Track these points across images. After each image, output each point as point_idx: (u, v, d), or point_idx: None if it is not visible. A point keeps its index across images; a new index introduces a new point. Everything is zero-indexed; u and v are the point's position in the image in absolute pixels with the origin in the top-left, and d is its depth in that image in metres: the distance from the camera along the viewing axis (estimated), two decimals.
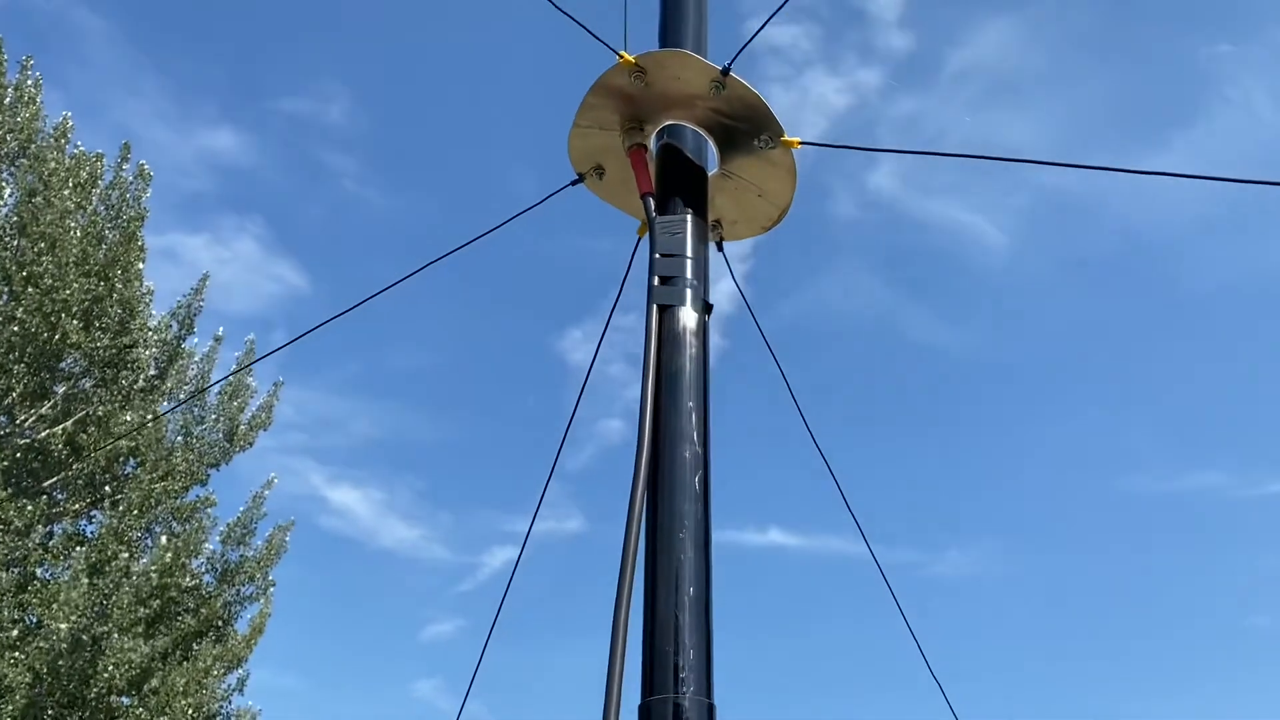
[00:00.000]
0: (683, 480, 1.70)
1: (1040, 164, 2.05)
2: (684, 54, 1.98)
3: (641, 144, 2.07)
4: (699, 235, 1.97)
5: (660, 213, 1.99)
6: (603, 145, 2.14)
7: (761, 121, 2.02)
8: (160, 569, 11.35)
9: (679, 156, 2.06)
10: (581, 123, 2.09)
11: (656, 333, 1.84)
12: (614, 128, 2.10)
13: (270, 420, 12.91)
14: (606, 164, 2.17)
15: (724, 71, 1.96)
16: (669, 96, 2.03)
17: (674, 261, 1.92)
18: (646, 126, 2.09)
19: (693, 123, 2.07)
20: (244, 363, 12.62)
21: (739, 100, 2.00)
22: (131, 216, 11.64)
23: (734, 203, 2.16)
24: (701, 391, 1.80)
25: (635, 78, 2.00)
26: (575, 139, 2.13)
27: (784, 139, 2.03)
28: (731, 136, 2.07)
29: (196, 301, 12.41)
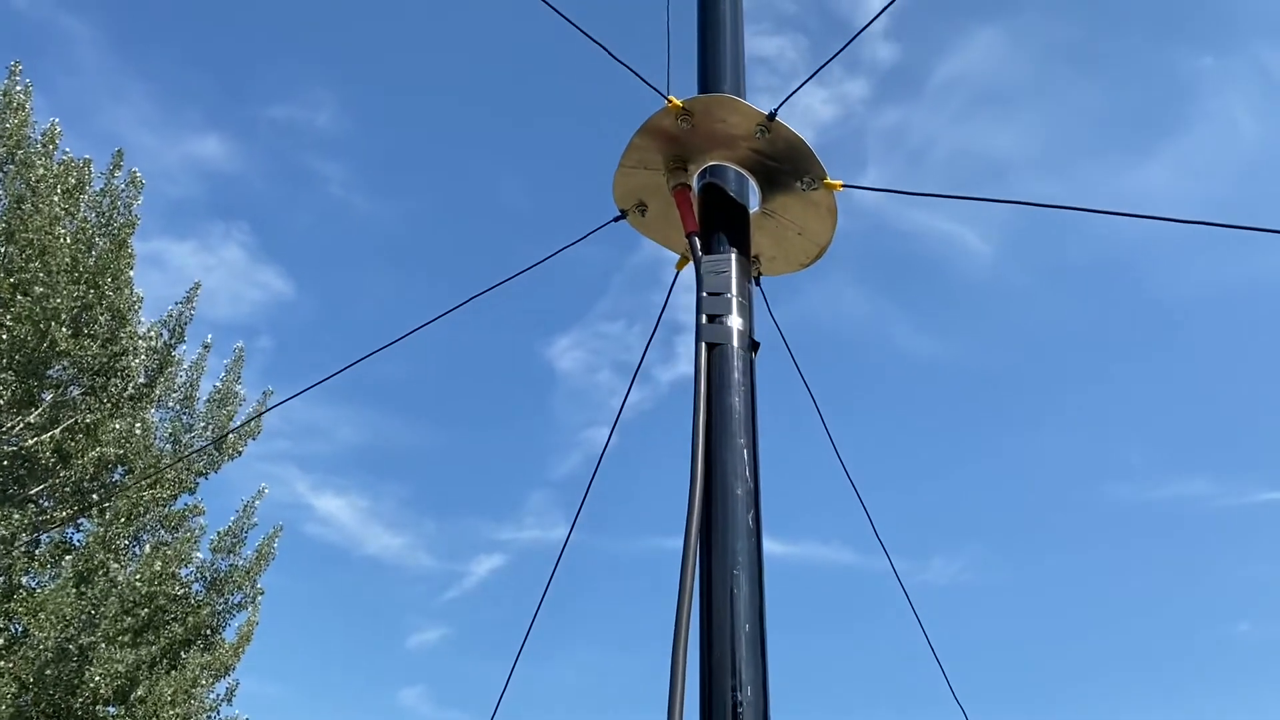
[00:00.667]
0: (736, 517, 1.75)
1: (1089, 211, 2.11)
2: (731, 99, 2.04)
3: (686, 184, 2.12)
4: (744, 274, 2.02)
5: (705, 251, 2.04)
6: (646, 183, 2.19)
7: (804, 164, 2.08)
8: (148, 578, 11.29)
9: (722, 196, 2.12)
10: (626, 163, 2.15)
11: (706, 371, 1.89)
12: (658, 167, 2.15)
13: (259, 429, 12.86)
14: (648, 201, 2.22)
15: (770, 116, 2.02)
16: (714, 138, 2.09)
17: (720, 300, 1.97)
18: (690, 166, 2.14)
19: (735, 163, 2.13)
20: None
21: (783, 143, 2.06)
22: (122, 224, 11.59)
23: (774, 240, 2.22)
24: (751, 428, 1.85)
25: (682, 120, 2.06)
26: (620, 178, 2.18)
27: (826, 181, 2.08)
28: (773, 177, 2.12)
29: (188, 310, 12.36)
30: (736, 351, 1.92)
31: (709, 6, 2.25)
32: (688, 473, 1.77)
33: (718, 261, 2.02)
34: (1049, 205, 2.08)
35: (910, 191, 2.16)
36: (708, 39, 2.22)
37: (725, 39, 2.20)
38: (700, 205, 2.12)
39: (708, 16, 2.24)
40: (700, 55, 2.21)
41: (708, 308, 1.96)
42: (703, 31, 2.24)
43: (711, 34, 2.21)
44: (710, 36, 2.21)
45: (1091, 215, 2.06)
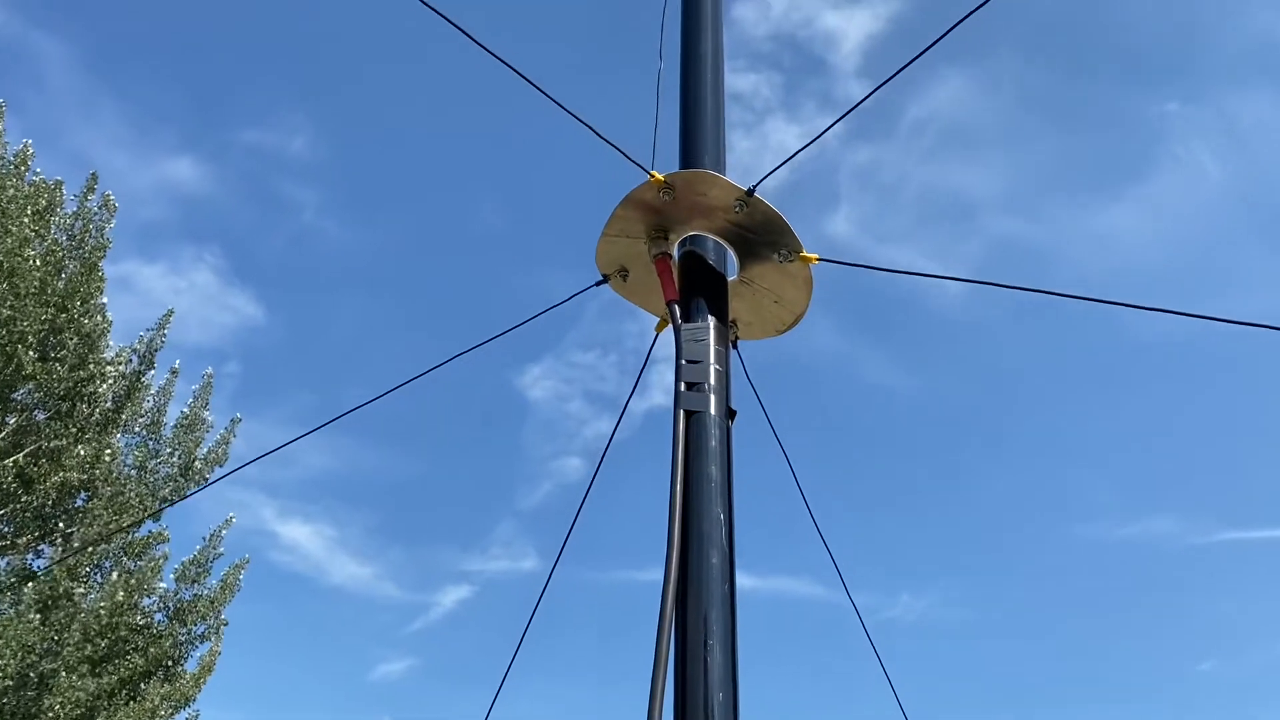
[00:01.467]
0: (711, 588, 1.79)
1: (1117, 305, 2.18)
2: (711, 175, 2.10)
3: (666, 253, 2.18)
4: (722, 341, 2.07)
5: (685, 319, 2.10)
6: (627, 250, 2.24)
7: (781, 237, 2.14)
8: (110, 607, 11.13)
9: (702, 265, 2.18)
10: (609, 232, 2.20)
11: (684, 438, 1.94)
12: (639, 236, 2.21)
13: (226, 456, 12.77)
14: (630, 266, 2.28)
15: (749, 192, 2.09)
16: (694, 210, 2.15)
17: (699, 368, 2.02)
18: (671, 235, 2.20)
19: (714, 234, 2.19)
20: (230, 435, 12.45)
21: (761, 216, 2.12)
22: (93, 247, 11.52)
23: (751, 307, 2.28)
24: (727, 498, 1.90)
25: (663, 194, 2.12)
26: (603, 245, 2.23)
27: (802, 254, 2.15)
28: (751, 248, 2.19)
29: (159, 337, 12.27)
30: (714, 419, 1.97)
31: (691, 84, 2.32)
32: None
33: (696, 330, 2.07)
34: (1050, 292, 2.15)
35: (885, 268, 2.23)
36: (690, 114, 2.28)
37: (707, 114, 2.27)
38: (680, 273, 2.18)
39: (690, 93, 2.31)
40: (682, 129, 2.28)
41: (686, 375, 2.01)
42: (685, 106, 2.31)
43: (693, 109, 2.28)
44: (692, 111, 2.28)
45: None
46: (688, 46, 2.42)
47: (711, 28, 2.45)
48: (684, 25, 2.46)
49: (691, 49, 2.41)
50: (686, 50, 2.41)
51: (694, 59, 2.39)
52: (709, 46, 2.41)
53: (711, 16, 2.47)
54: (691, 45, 2.41)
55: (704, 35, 2.43)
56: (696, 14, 2.46)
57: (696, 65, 2.38)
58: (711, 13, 2.47)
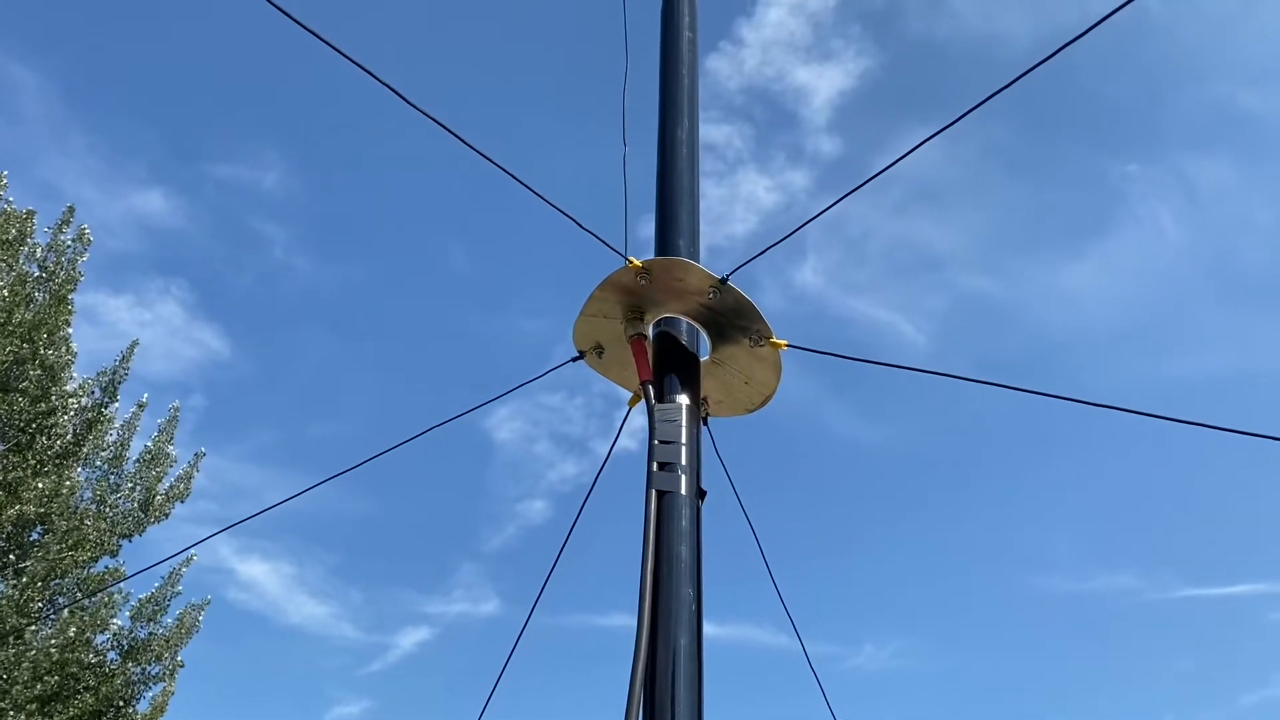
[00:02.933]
0: (679, 670, 1.84)
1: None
2: (686, 263, 2.19)
3: (642, 334, 2.26)
4: (693, 422, 2.15)
5: (658, 398, 2.17)
6: (603, 329, 2.32)
7: (752, 322, 2.23)
8: (62, 643, 10.91)
9: (675, 345, 2.26)
10: (587, 312, 2.28)
11: (655, 518, 2.01)
12: (615, 316, 2.29)
13: (189, 491, 12.59)
14: (605, 344, 2.35)
15: (722, 280, 2.17)
16: (669, 293, 2.23)
17: (670, 448, 2.09)
18: (646, 315, 2.28)
19: (688, 316, 2.27)
20: (193, 470, 12.33)
21: (733, 302, 2.21)
22: (64, 279, 11.43)
23: (722, 386, 2.36)
24: (697, 579, 1.96)
25: (641, 278, 2.20)
26: (580, 324, 2.31)
27: (772, 340, 2.24)
28: (723, 331, 2.27)
29: (123, 369, 12.15)
30: (685, 499, 2.04)
31: (668, 167, 2.41)
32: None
33: (669, 410, 2.14)
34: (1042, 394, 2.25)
35: (856, 357, 2.32)
36: (666, 197, 2.38)
37: (683, 199, 2.36)
38: (654, 353, 2.26)
39: (666, 176, 2.40)
40: (659, 212, 2.37)
41: (658, 455, 2.08)
42: (661, 189, 2.40)
43: (670, 196, 2.37)
44: (668, 198, 2.37)
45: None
46: (664, 131, 2.52)
47: (687, 113, 2.55)
48: (661, 110, 2.56)
49: (668, 134, 2.50)
50: (663, 135, 2.51)
51: (670, 143, 2.49)
52: (685, 132, 2.51)
53: (688, 102, 2.57)
54: (668, 130, 2.51)
55: (680, 120, 2.53)
56: (673, 100, 2.56)
57: (673, 149, 2.48)
58: (688, 100, 2.57)
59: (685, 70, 2.60)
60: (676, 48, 2.64)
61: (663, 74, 2.62)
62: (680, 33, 2.66)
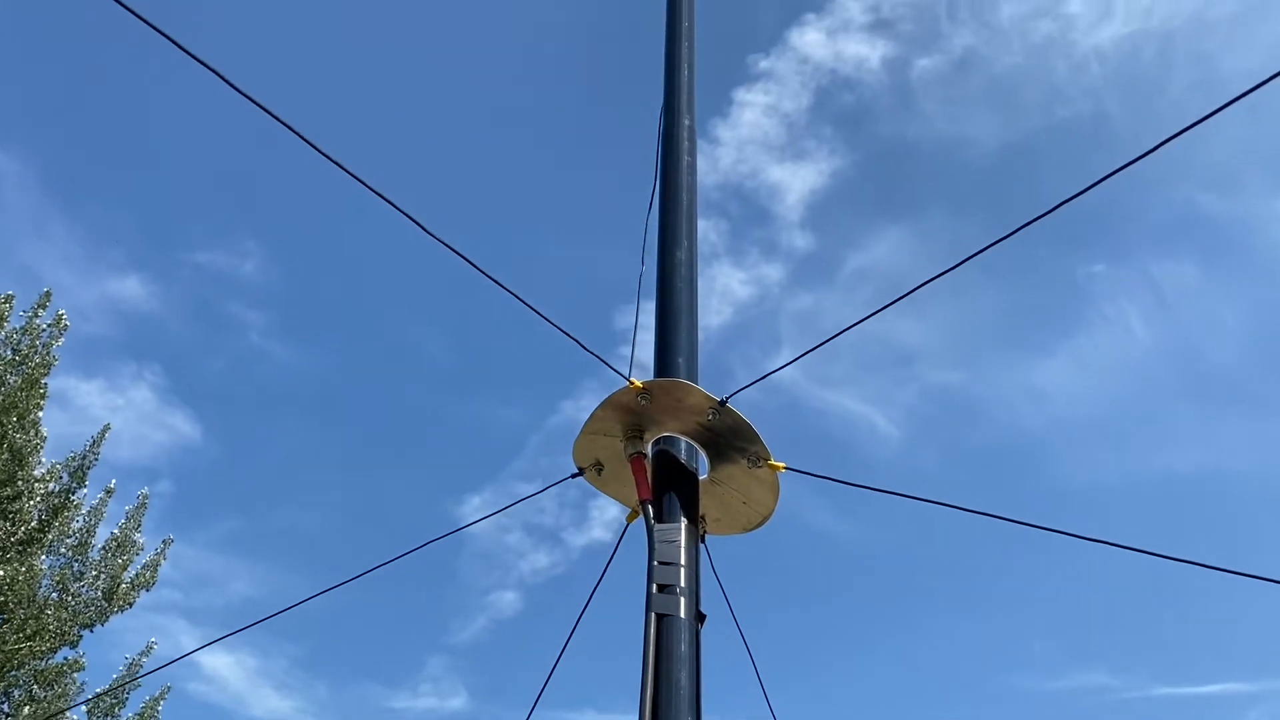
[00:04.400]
0: None
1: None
2: (686, 385, 2.23)
3: (642, 452, 2.28)
4: (692, 543, 2.16)
5: (657, 518, 2.19)
6: (603, 446, 2.35)
7: (750, 444, 2.26)
8: None
9: (674, 464, 2.28)
10: (588, 430, 2.31)
11: (654, 642, 2.00)
12: (616, 435, 2.32)
13: (154, 579, 12.31)
14: (605, 461, 2.38)
15: (722, 402, 2.22)
16: (669, 413, 2.27)
17: (670, 570, 2.10)
18: (645, 434, 2.31)
19: (687, 435, 2.30)
20: (160, 558, 12.09)
21: (732, 424, 2.25)
22: (38, 363, 11.33)
23: (720, 504, 2.38)
24: (695, 705, 1.96)
25: (641, 398, 2.24)
26: (580, 442, 2.33)
27: (770, 462, 2.27)
28: (722, 450, 2.30)
29: (92, 454, 11.98)
30: (684, 623, 2.04)
31: (668, 291, 2.47)
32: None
33: (668, 530, 2.16)
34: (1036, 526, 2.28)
35: (853, 483, 2.36)
36: (666, 320, 2.43)
37: (681, 321, 2.42)
38: (654, 472, 2.28)
39: (666, 301, 2.46)
40: (658, 333, 2.42)
41: (658, 577, 2.09)
42: (661, 311, 2.45)
43: (669, 315, 2.43)
44: (668, 317, 2.43)
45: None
46: (664, 252, 2.58)
47: (686, 235, 2.62)
48: (660, 231, 2.64)
49: (668, 256, 2.57)
50: (663, 256, 2.58)
51: (670, 265, 2.56)
52: (684, 253, 2.58)
53: (686, 224, 2.65)
54: (668, 252, 2.58)
55: (679, 241, 2.60)
56: (673, 223, 2.64)
57: (672, 271, 2.54)
58: (686, 222, 2.65)
59: (684, 193, 2.68)
60: (676, 172, 2.73)
61: (663, 196, 2.70)
62: (680, 157, 2.76)
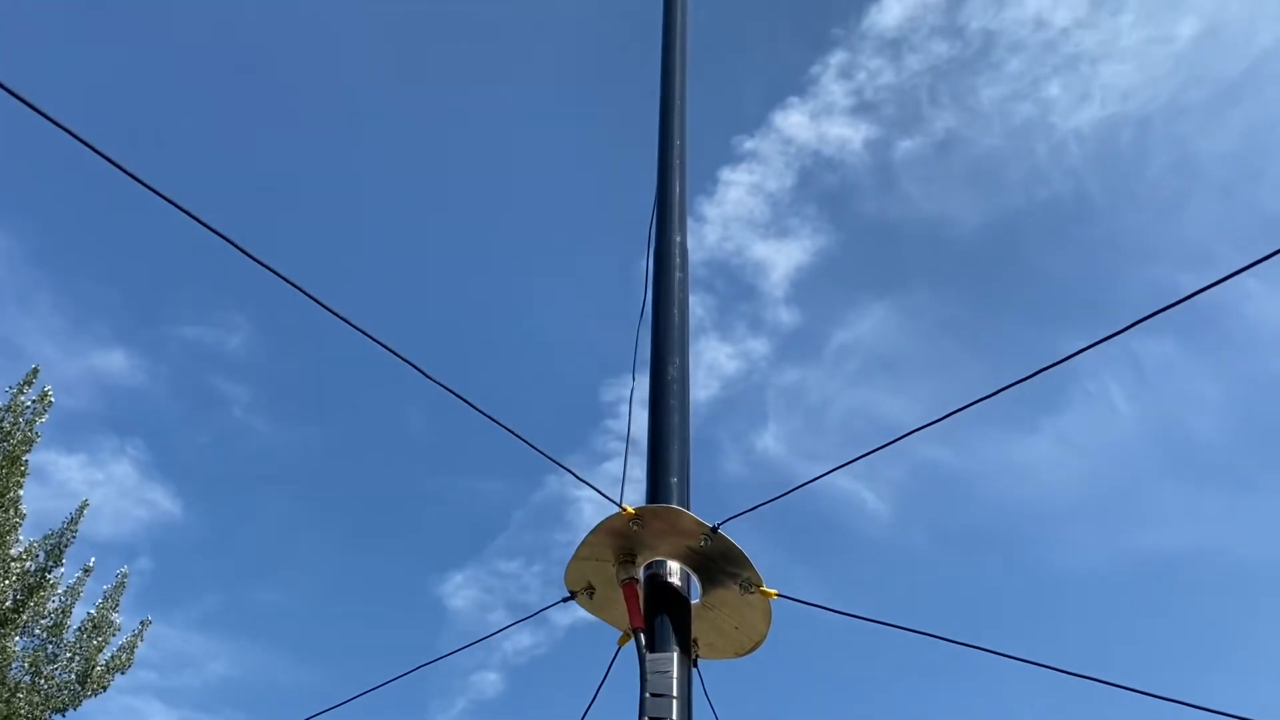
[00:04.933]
0: None
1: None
2: (678, 510, 2.24)
3: (634, 578, 2.28)
4: (684, 674, 2.14)
5: (649, 647, 2.17)
6: (595, 570, 2.34)
7: (742, 570, 2.26)
8: None
9: (666, 589, 2.27)
10: (580, 555, 2.30)
11: None
12: (607, 559, 2.31)
13: (130, 661, 12.06)
14: (596, 584, 2.37)
15: (714, 529, 2.22)
16: (661, 538, 2.27)
17: (662, 702, 2.08)
18: (637, 558, 2.30)
19: (679, 560, 2.30)
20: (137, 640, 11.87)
21: (724, 549, 2.25)
22: (20, 440, 11.24)
23: (712, 629, 2.36)
24: None
25: (633, 524, 2.24)
26: (573, 565, 2.33)
27: (762, 589, 2.26)
28: (714, 576, 2.30)
29: (70, 531, 11.81)
30: None
31: (660, 410, 2.49)
32: None
33: (660, 660, 2.14)
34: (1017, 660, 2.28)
35: (845, 612, 2.35)
36: (659, 439, 2.44)
37: (673, 441, 2.43)
38: (646, 597, 2.27)
39: (658, 420, 2.47)
40: (650, 454, 2.43)
41: (650, 709, 2.07)
42: (654, 431, 2.47)
43: (662, 435, 2.44)
44: (660, 438, 2.44)
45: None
46: (656, 372, 2.60)
47: (679, 352, 2.65)
48: (653, 350, 2.66)
49: (660, 374, 2.59)
50: (655, 375, 2.60)
51: (662, 384, 2.57)
52: (676, 370, 2.60)
53: (679, 340, 2.68)
54: (660, 371, 2.60)
55: (671, 359, 2.62)
56: (665, 340, 2.66)
57: (664, 390, 2.56)
58: (679, 339, 2.67)
59: (676, 310, 2.72)
60: (668, 288, 2.76)
61: (655, 313, 2.73)
62: (671, 272, 2.80)
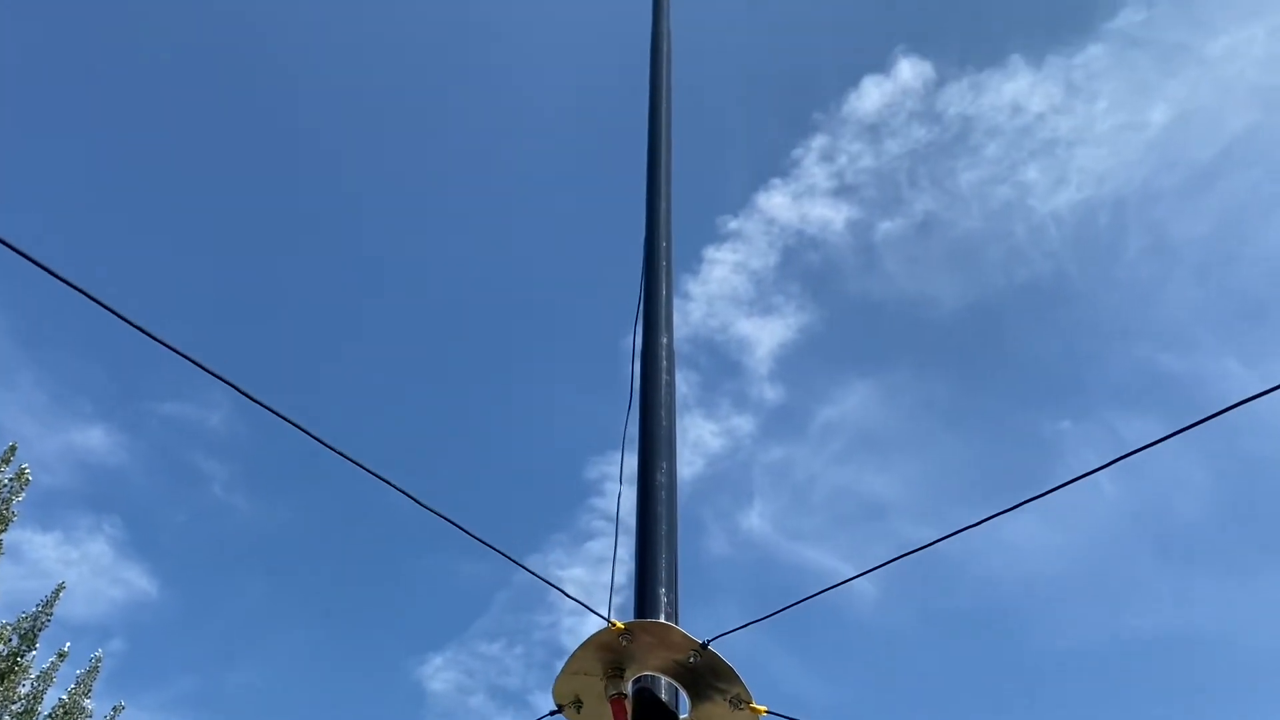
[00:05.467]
0: None
1: None
2: (668, 627, 2.22)
3: (622, 693, 2.25)
4: None
5: None
6: (583, 685, 2.31)
7: (732, 686, 2.24)
8: None
9: (655, 703, 2.25)
10: (569, 670, 2.28)
11: None
12: (595, 673, 2.28)
13: None
14: (584, 698, 2.33)
15: (704, 645, 2.20)
16: (650, 652, 2.25)
17: None
18: (626, 672, 2.28)
19: (668, 674, 2.28)
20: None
21: (713, 664, 2.23)
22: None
23: None
24: None
25: (622, 639, 2.22)
26: (561, 681, 2.30)
27: (751, 705, 2.24)
28: (702, 690, 2.27)
29: (44, 614, 11.57)
30: None
31: (648, 517, 2.49)
32: None
33: None
34: None
35: None
36: (646, 547, 2.44)
37: (661, 548, 2.43)
38: (634, 710, 2.24)
39: (645, 526, 2.47)
40: (639, 563, 2.42)
41: None
42: (641, 538, 2.46)
43: (649, 541, 2.44)
44: (648, 543, 2.43)
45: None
46: (644, 476, 2.61)
47: (666, 455, 2.66)
48: (640, 454, 2.67)
49: (649, 479, 2.59)
50: (643, 479, 2.60)
51: (650, 488, 2.57)
52: (664, 475, 2.60)
53: (666, 444, 2.68)
54: (648, 475, 2.60)
55: (659, 464, 2.63)
56: (653, 442, 2.67)
57: (652, 495, 2.56)
58: (666, 442, 2.68)
59: (664, 413, 2.73)
60: (655, 390, 2.78)
61: (641, 416, 2.75)
62: (659, 375, 2.82)
